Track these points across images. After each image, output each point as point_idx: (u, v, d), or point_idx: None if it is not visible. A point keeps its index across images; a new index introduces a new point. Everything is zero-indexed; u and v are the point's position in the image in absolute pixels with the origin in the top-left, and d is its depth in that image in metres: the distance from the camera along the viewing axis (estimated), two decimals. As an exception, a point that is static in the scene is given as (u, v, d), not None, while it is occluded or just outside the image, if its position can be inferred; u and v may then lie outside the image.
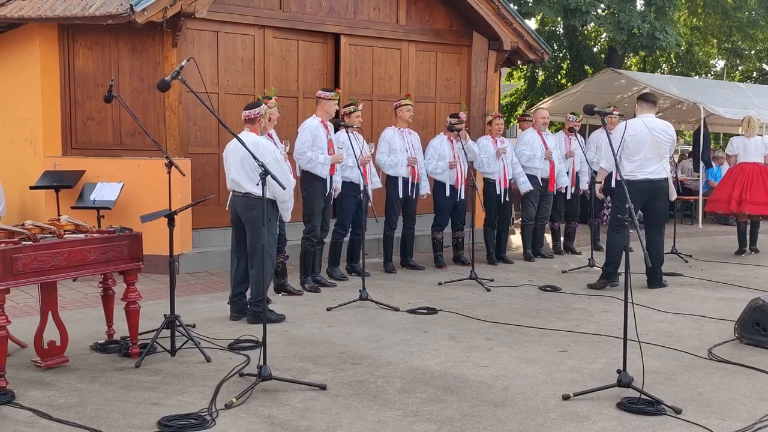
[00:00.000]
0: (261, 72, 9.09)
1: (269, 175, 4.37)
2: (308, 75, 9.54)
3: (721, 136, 21.25)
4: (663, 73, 20.45)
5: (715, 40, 19.89)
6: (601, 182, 8.08)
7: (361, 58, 9.97)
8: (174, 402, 4.27)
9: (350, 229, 8.06)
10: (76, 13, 7.77)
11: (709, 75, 22.78)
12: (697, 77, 19.81)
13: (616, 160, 4.92)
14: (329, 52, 9.76)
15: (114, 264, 4.90)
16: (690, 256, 9.65)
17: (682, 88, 14.90)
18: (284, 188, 4.62)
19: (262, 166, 4.36)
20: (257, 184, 5.13)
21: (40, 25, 8.22)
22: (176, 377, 4.71)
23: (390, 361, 5.06)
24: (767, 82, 22.62)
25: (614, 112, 4.66)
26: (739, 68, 24.48)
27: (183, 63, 4.65)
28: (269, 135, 6.85)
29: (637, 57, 21.17)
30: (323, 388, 4.47)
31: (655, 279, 7.54)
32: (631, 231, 4.56)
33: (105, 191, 7.88)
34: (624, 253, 4.32)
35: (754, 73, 24.42)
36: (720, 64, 24.67)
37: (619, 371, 4.42)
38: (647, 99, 7.55)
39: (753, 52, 20.00)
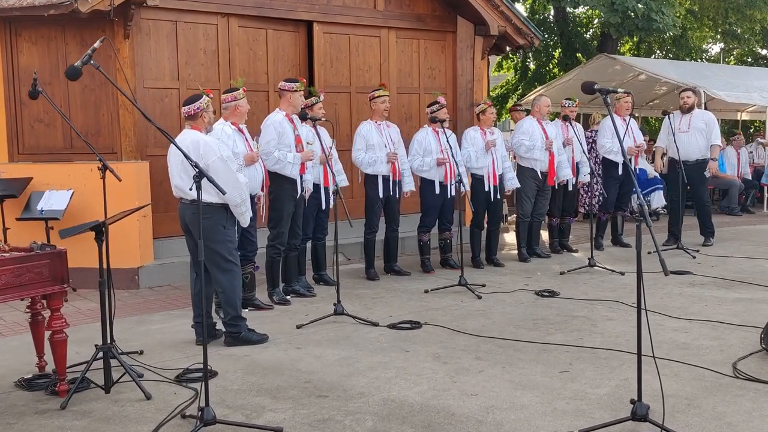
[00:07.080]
0: (226, 64, 8.32)
1: (205, 178, 3.63)
2: (279, 66, 8.76)
3: (720, 121, 20.43)
4: (658, 59, 19.70)
5: (711, 23, 19.13)
6: (715, 159, 9.16)
7: (337, 47, 9.22)
8: (97, 456, 3.53)
9: (311, 235, 7.28)
10: (13, 3, 7.02)
11: (703, 60, 22.01)
12: (692, 62, 19.06)
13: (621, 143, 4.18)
14: (302, 42, 9.00)
15: (31, 288, 4.13)
16: (697, 251, 8.92)
17: (680, 72, 14.17)
18: (224, 193, 3.87)
19: (195, 166, 3.62)
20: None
21: (-23, 18, 7.47)
22: (107, 421, 3.96)
23: (362, 392, 4.32)
24: (762, 66, 21.90)
25: (619, 90, 4.11)
26: (734, 53, 23.74)
27: (95, 45, 3.93)
28: (240, 130, 6.11)
29: (631, 43, 20.40)
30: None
31: None
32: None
33: (53, 200, 7.12)
34: (636, 252, 3.57)
35: (749, 58, 23.69)
36: (716, 48, 23.94)
37: (633, 401, 3.69)
38: None
39: (749, 34, 19.26)
